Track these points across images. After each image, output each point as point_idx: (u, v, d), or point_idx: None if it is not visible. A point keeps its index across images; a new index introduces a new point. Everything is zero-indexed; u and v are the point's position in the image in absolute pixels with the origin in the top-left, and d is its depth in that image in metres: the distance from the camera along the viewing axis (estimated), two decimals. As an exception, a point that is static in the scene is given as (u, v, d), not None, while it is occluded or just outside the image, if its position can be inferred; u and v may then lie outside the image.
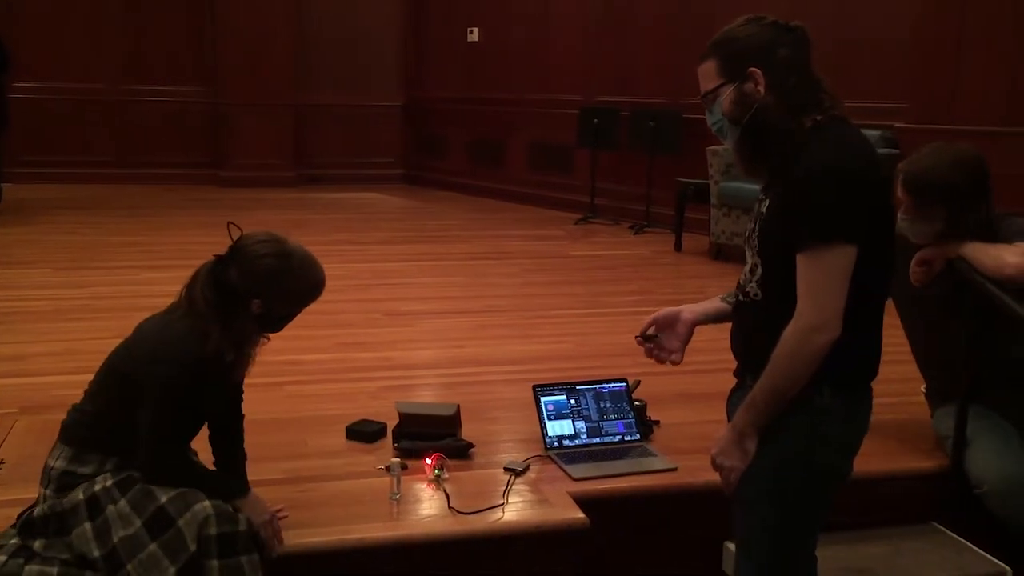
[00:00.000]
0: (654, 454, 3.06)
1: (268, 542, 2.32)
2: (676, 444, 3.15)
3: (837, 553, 2.79)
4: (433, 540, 2.56)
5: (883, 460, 3.03)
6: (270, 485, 2.71)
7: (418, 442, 2.98)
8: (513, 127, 10.11)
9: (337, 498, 2.71)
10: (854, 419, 2.01)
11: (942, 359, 3.11)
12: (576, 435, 3.10)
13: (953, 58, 5.80)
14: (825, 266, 1.85)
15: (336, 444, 3.13)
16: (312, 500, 2.69)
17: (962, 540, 2.97)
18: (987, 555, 2.89)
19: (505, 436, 3.23)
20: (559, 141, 9.45)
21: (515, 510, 2.68)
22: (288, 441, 3.12)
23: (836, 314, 1.85)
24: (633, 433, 3.15)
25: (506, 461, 2.97)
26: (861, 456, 2.08)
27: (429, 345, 4.52)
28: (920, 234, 2.85)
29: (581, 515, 2.66)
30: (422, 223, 8.54)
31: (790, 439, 1.97)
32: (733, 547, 2.80)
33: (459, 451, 2.99)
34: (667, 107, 8.19)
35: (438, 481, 2.79)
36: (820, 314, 1.85)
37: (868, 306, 1.94)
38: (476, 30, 10.44)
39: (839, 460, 2.03)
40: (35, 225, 7.68)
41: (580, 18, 9.30)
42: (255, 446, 2.60)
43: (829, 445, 1.99)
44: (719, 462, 2.04)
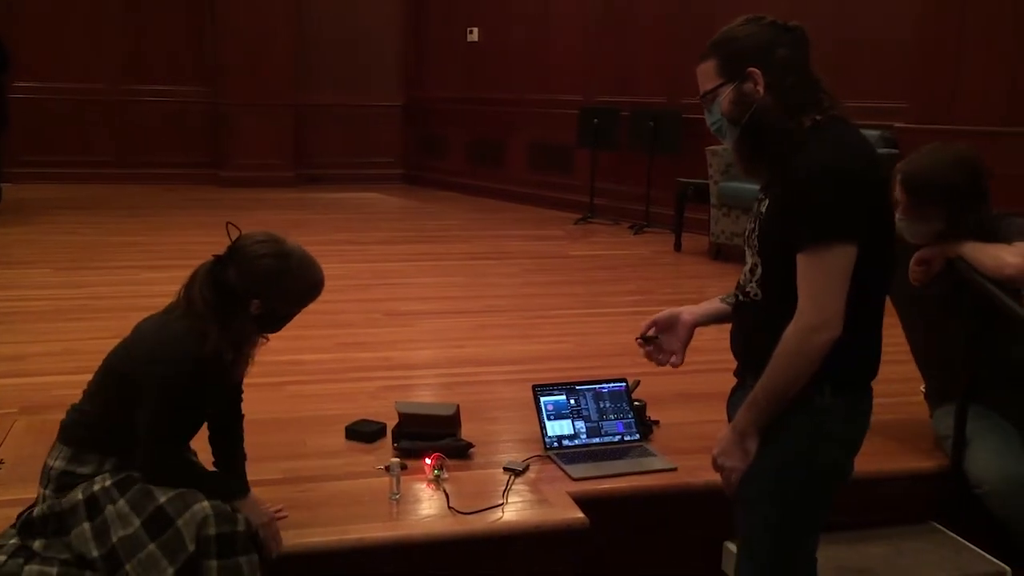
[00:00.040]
0: (654, 454, 3.06)
1: (267, 544, 2.31)
2: (676, 444, 3.15)
3: (837, 553, 2.79)
4: (432, 540, 2.56)
5: (883, 460, 3.03)
6: (270, 485, 2.71)
7: (417, 442, 2.98)
8: (513, 127, 10.11)
9: (336, 498, 2.71)
10: (855, 418, 2.01)
11: (941, 359, 3.11)
12: (576, 435, 3.10)
13: (953, 58, 5.80)
14: (825, 266, 1.85)
15: (336, 444, 3.13)
16: (311, 500, 2.69)
17: (961, 540, 2.97)
18: (987, 555, 2.89)
19: (505, 436, 3.23)
20: (559, 141, 9.45)
21: (515, 510, 2.68)
22: (288, 441, 3.12)
23: (837, 313, 1.86)
24: (633, 433, 3.15)
25: (506, 461, 2.96)
26: (861, 456, 2.08)
27: (429, 345, 4.52)
28: (918, 234, 2.85)
29: (581, 515, 2.66)
30: (422, 223, 8.54)
31: (791, 439, 1.97)
32: (733, 547, 2.81)
33: (459, 451, 2.99)
34: (667, 107, 8.20)
35: (438, 481, 2.79)
36: (821, 313, 1.86)
37: (868, 306, 1.94)
38: (476, 30, 10.44)
39: (840, 459, 2.04)
40: (35, 225, 7.67)
41: (580, 18, 9.30)
42: (255, 446, 2.60)
43: (830, 444, 1.99)
44: (720, 462, 2.04)
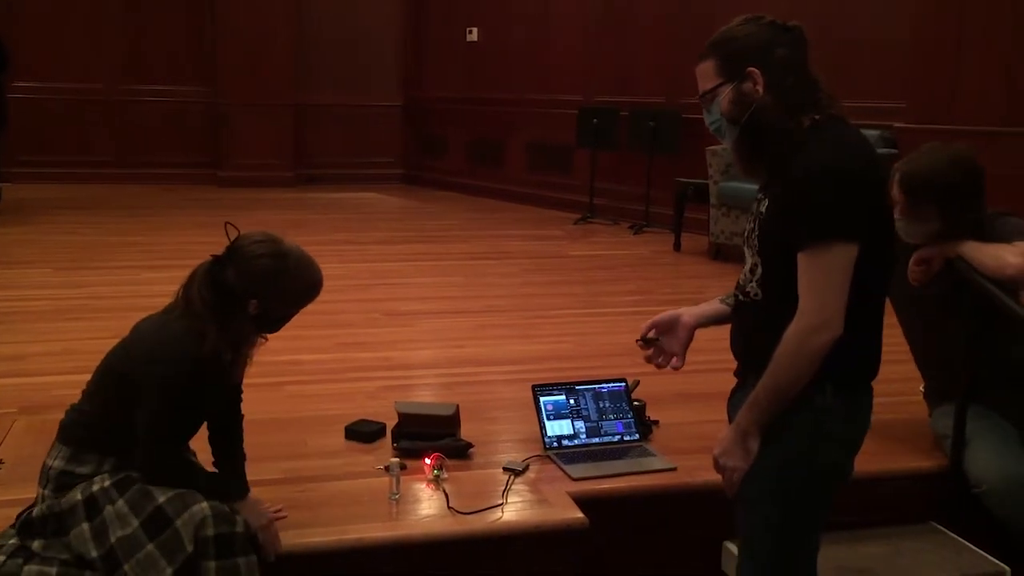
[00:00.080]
0: (653, 454, 3.06)
1: (265, 546, 2.31)
2: (675, 444, 3.15)
3: (837, 553, 2.79)
4: (432, 540, 2.56)
5: (882, 460, 3.03)
6: (269, 485, 2.71)
7: (417, 442, 2.98)
8: (512, 127, 10.11)
9: (336, 498, 2.71)
10: (855, 418, 2.01)
11: (941, 359, 3.11)
12: (575, 435, 3.10)
13: (952, 58, 5.80)
14: (825, 265, 1.85)
15: (335, 444, 3.13)
16: (311, 500, 2.69)
17: (961, 540, 2.97)
18: (986, 555, 2.89)
19: (504, 436, 3.23)
20: (558, 141, 9.45)
21: (514, 510, 2.68)
22: (287, 441, 3.12)
23: (838, 313, 1.86)
24: (632, 433, 3.15)
25: (505, 461, 2.96)
26: (861, 456, 2.07)
27: (428, 345, 4.52)
28: (915, 234, 2.85)
29: (580, 515, 2.66)
30: (421, 223, 8.54)
31: (792, 438, 1.97)
32: (732, 547, 2.82)
33: (458, 451, 2.99)
34: (666, 107, 8.20)
35: (437, 481, 2.79)
36: (822, 313, 1.86)
37: (868, 305, 1.94)
38: (475, 30, 10.44)
39: (841, 459, 2.03)
40: (35, 225, 7.67)
41: (579, 18, 9.30)
42: (254, 446, 2.60)
43: (831, 444, 1.99)
44: (722, 462, 2.03)
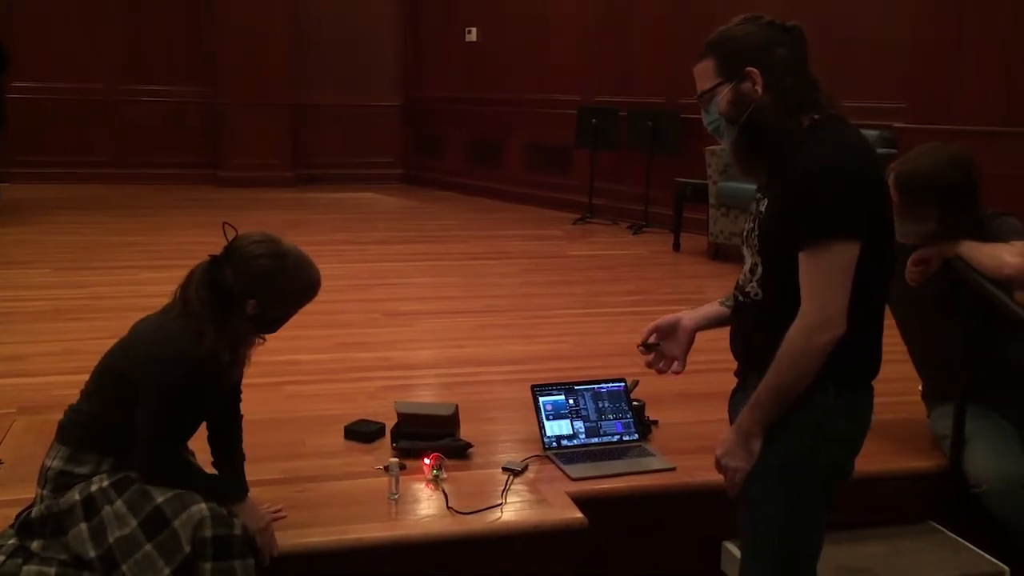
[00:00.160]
0: (652, 454, 3.06)
1: (262, 549, 2.31)
2: (674, 444, 3.15)
3: (836, 553, 2.78)
4: (431, 540, 2.56)
5: (881, 460, 3.03)
6: (268, 485, 2.71)
7: (416, 442, 2.98)
8: (511, 127, 10.11)
9: (335, 498, 2.71)
10: (856, 418, 2.01)
11: (939, 359, 3.11)
12: (574, 435, 3.10)
13: (952, 58, 5.79)
14: (827, 264, 1.85)
15: (334, 444, 3.13)
16: (310, 500, 2.69)
17: (960, 540, 2.97)
18: (985, 555, 2.89)
19: (503, 436, 3.23)
20: (557, 141, 9.45)
21: (513, 510, 2.68)
22: (286, 441, 3.12)
23: (840, 312, 1.85)
24: (631, 433, 3.15)
25: (504, 461, 2.96)
26: (860, 455, 2.07)
27: (428, 345, 4.52)
28: (910, 234, 2.84)
29: (579, 515, 2.66)
30: (421, 223, 8.54)
31: (794, 438, 1.96)
32: (731, 547, 2.82)
33: (457, 451, 2.99)
34: (665, 107, 8.19)
35: (436, 481, 2.78)
36: (824, 312, 1.85)
37: (869, 305, 1.93)
38: (474, 30, 10.44)
39: (842, 459, 2.03)
40: (34, 225, 7.67)
41: (579, 18, 9.29)
42: (253, 446, 2.60)
43: (833, 443, 1.99)
44: (724, 463, 2.03)
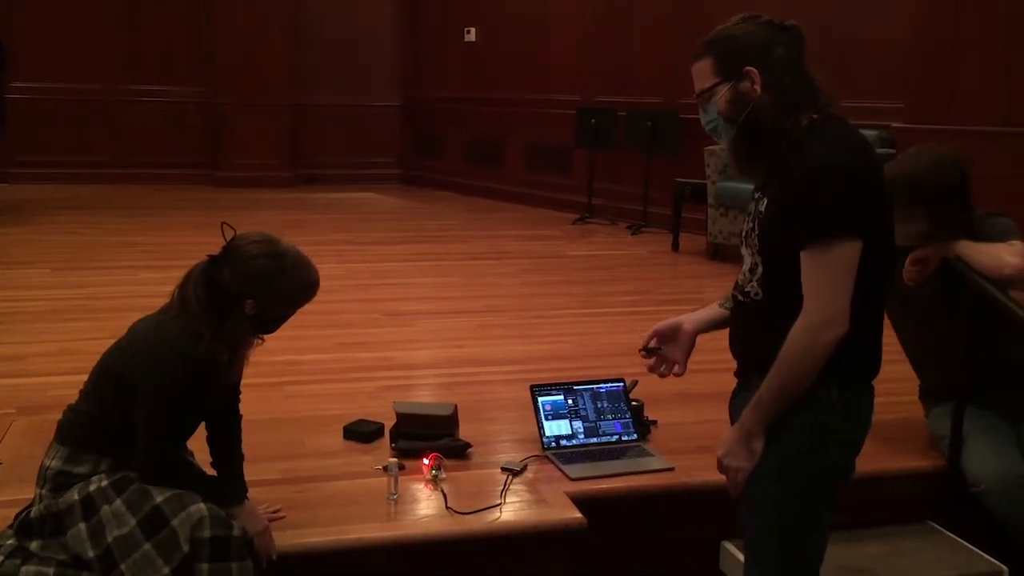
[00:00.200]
0: (651, 454, 3.06)
1: (260, 552, 2.30)
2: (673, 444, 3.15)
3: (836, 553, 2.77)
4: (430, 540, 2.56)
5: (880, 460, 3.02)
6: (268, 485, 2.71)
7: (416, 442, 2.98)
8: (511, 127, 10.10)
9: (334, 498, 2.71)
10: (857, 417, 2.00)
11: (939, 359, 3.10)
12: (573, 435, 3.10)
13: (951, 59, 5.80)
14: (829, 263, 1.84)
15: (334, 444, 3.13)
16: (309, 500, 2.69)
17: (959, 539, 2.97)
18: (984, 554, 2.89)
19: (502, 436, 3.23)
20: (556, 141, 9.45)
21: (512, 510, 2.68)
22: (286, 441, 3.12)
23: (843, 310, 1.85)
24: (630, 433, 3.15)
25: (503, 461, 2.96)
26: (859, 455, 2.07)
27: (428, 345, 4.52)
28: (902, 235, 2.81)
29: (578, 515, 2.66)
30: (420, 223, 8.54)
31: (796, 438, 1.96)
32: (730, 547, 2.82)
33: (456, 451, 2.99)
34: (664, 107, 8.19)
35: (435, 481, 2.78)
36: (826, 311, 1.85)
37: (869, 305, 1.93)
38: (473, 30, 10.44)
39: (844, 458, 2.03)
40: (33, 225, 7.67)
41: (578, 18, 9.29)
42: (253, 446, 2.60)
43: (835, 443, 1.98)
44: (726, 463, 2.02)
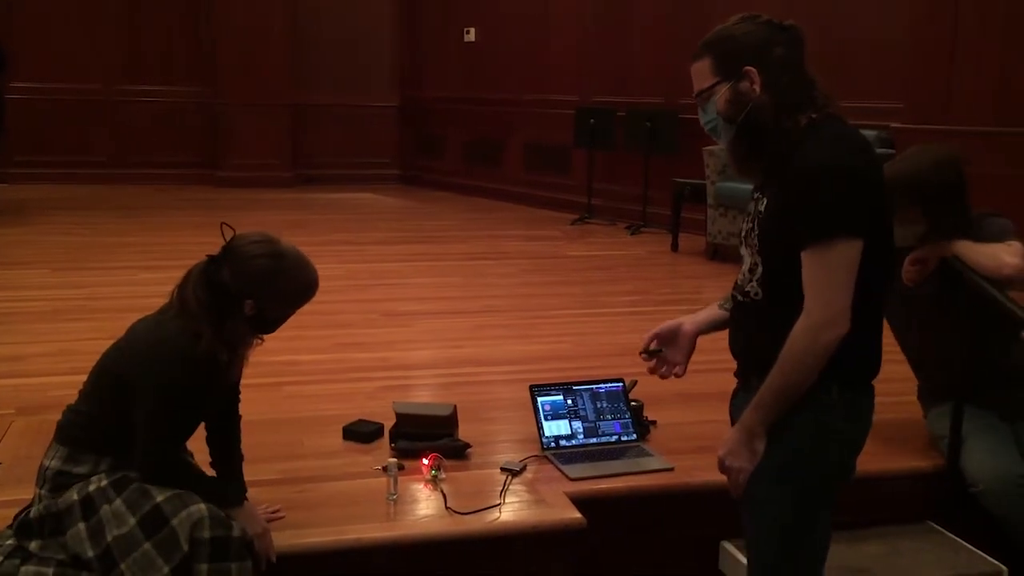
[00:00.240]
0: (651, 454, 3.06)
1: (260, 553, 2.30)
2: (673, 444, 3.15)
3: (835, 553, 2.75)
4: (430, 540, 2.57)
5: (880, 460, 3.02)
6: (267, 485, 2.71)
7: (415, 442, 2.98)
8: (510, 127, 10.10)
9: (334, 498, 2.71)
10: (858, 417, 2.00)
11: (939, 359, 3.10)
12: (573, 435, 3.10)
13: (949, 59, 5.80)
14: (830, 262, 1.84)
15: (333, 444, 3.13)
16: (309, 500, 2.69)
17: (958, 539, 2.97)
18: (983, 554, 2.89)
19: (502, 436, 3.23)
20: (556, 141, 9.45)
21: (512, 510, 2.68)
22: (285, 441, 3.12)
23: (844, 310, 1.85)
24: (630, 433, 3.15)
25: (503, 461, 2.96)
26: (859, 455, 2.07)
27: (427, 345, 4.52)
28: (899, 236, 2.82)
29: (578, 515, 2.66)
30: (419, 223, 8.54)
31: (797, 438, 1.96)
32: (730, 547, 2.82)
33: (456, 451, 2.99)
34: (664, 107, 8.19)
35: (435, 481, 2.79)
36: (828, 310, 1.85)
37: (870, 305, 1.93)
38: (473, 30, 10.44)
39: (845, 458, 2.03)
40: (32, 225, 7.67)
41: (577, 18, 9.29)
42: (252, 446, 2.60)
43: (836, 443, 1.98)
44: (728, 463, 2.01)
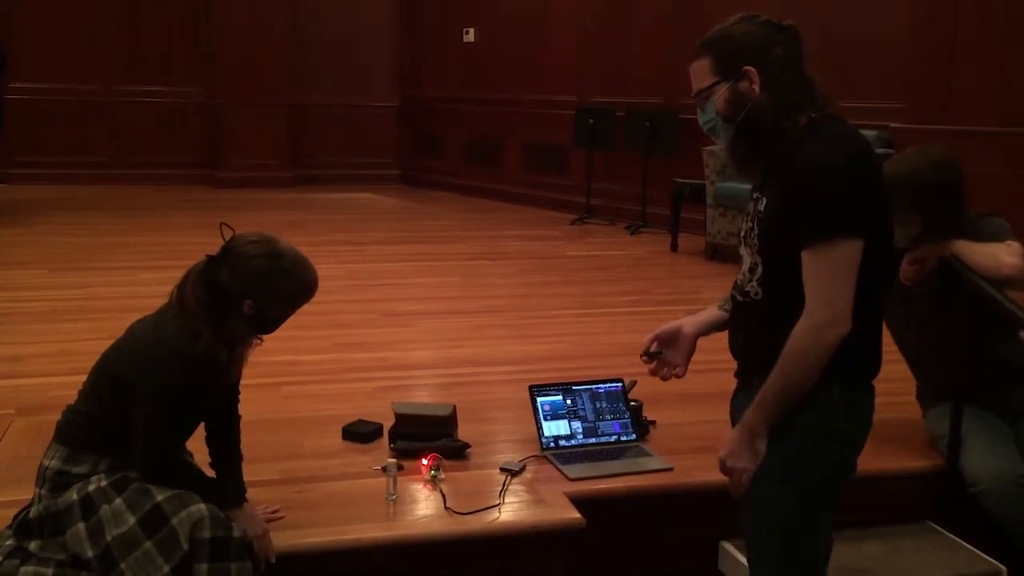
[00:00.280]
0: (650, 454, 3.06)
1: (259, 554, 2.30)
2: (672, 444, 3.15)
3: (835, 552, 2.75)
4: (429, 540, 2.57)
5: (879, 459, 3.02)
6: (266, 486, 2.71)
7: (414, 443, 2.98)
8: (509, 127, 10.10)
9: (333, 499, 2.71)
10: (859, 417, 2.00)
11: (937, 359, 3.10)
12: (572, 435, 3.10)
13: (949, 59, 5.80)
14: (830, 262, 1.84)
15: (332, 445, 3.13)
16: (308, 501, 2.69)
17: (957, 539, 2.97)
18: (982, 554, 2.89)
19: (501, 436, 3.23)
20: (555, 141, 9.45)
21: (511, 510, 2.68)
22: (284, 442, 3.12)
23: (845, 309, 1.85)
24: (629, 433, 3.15)
25: (502, 461, 2.96)
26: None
27: (426, 345, 4.52)
28: (899, 236, 2.84)
29: (577, 515, 2.66)
30: (419, 223, 8.54)
31: (799, 438, 1.95)
32: (729, 547, 2.82)
33: (455, 451, 2.99)
34: (663, 107, 8.19)
35: (434, 481, 2.79)
36: (830, 309, 1.85)
37: (870, 304, 1.93)
38: (472, 30, 10.44)
39: (846, 458, 2.03)
40: (32, 226, 7.66)
41: (576, 18, 9.29)
42: (251, 447, 2.60)
43: (837, 443, 1.98)
44: (730, 464, 2.00)
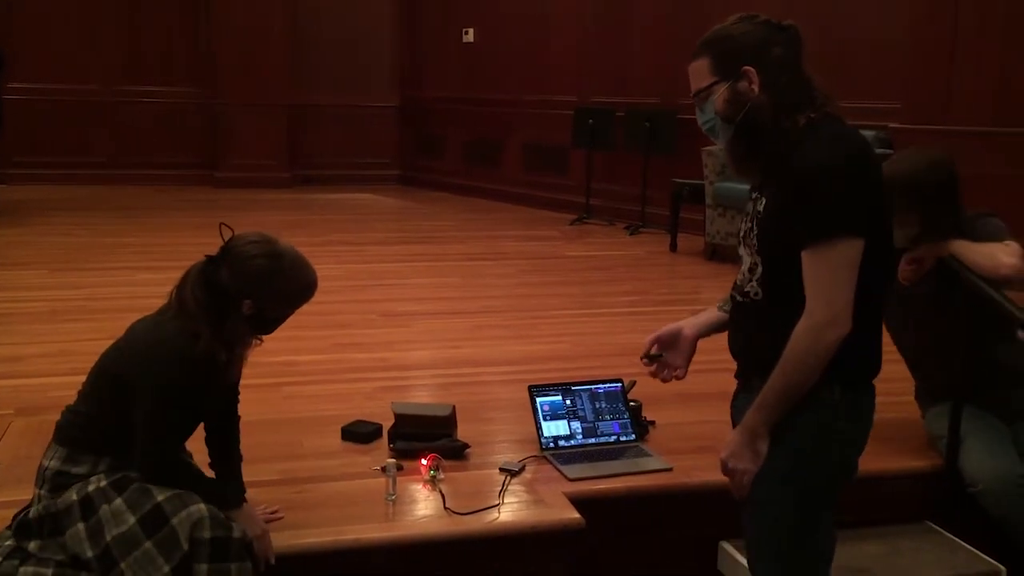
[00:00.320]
0: (649, 454, 3.07)
1: (259, 555, 2.29)
2: (672, 444, 3.15)
3: (835, 552, 2.78)
4: (429, 541, 2.57)
5: (878, 459, 3.02)
6: (266, 486, 2.71)
7: (414, 443, 2.98)
8: (508, 128, 10.11)
9: (333, 499, 2.71)
10: (860, 417, 2.00)
11: (938, 359, 3.10)
12: (572, 435, 3.10)
13: (948, 59, 5.80)
14: (830, 262, 1.84)
15: (332, 445, 3.13)
16: (308, 501, 2.69)
17: (957, 539, 2.97)
18: (982, 554, 2.89)
19: (501, 437, 3.23)
20: (554, 142, 9.45)
21: (511, 511, 2.68)
22: (284, 442, 3.12)
23: (846, 309, 1.85)
24: (628, 433, 3.15)
25: (502, 462, 2.96)
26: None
27: (425, 346, 4.52)
28: (898, 236, 2.84)
29: (576, 515, 2.66)
30: (418, 224, 8.55)
31: (800, 439, 1.95)
32: (728, 547, 2.82)
33: (455, 452, 2.99)
34: (662, 108, 8.20)
35: (434, 482, 2.79)
36: (830, 309, 1.85)
37: (870, 305, 1.93)
38: (471, 31, 10.44)
39: (848, 458, 2.03)
40: (31, 226, 7.66)
41: (577, 18, 9.29)
42: (251, 447, 2.60)
43: (839, 443, 1.98)
44: (731, 465, 2.00)
